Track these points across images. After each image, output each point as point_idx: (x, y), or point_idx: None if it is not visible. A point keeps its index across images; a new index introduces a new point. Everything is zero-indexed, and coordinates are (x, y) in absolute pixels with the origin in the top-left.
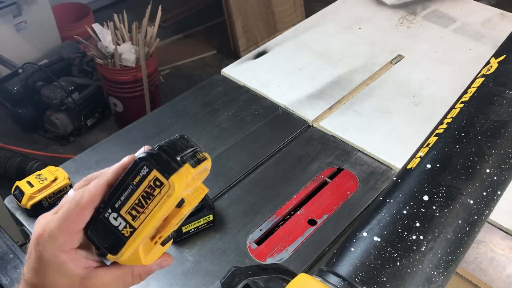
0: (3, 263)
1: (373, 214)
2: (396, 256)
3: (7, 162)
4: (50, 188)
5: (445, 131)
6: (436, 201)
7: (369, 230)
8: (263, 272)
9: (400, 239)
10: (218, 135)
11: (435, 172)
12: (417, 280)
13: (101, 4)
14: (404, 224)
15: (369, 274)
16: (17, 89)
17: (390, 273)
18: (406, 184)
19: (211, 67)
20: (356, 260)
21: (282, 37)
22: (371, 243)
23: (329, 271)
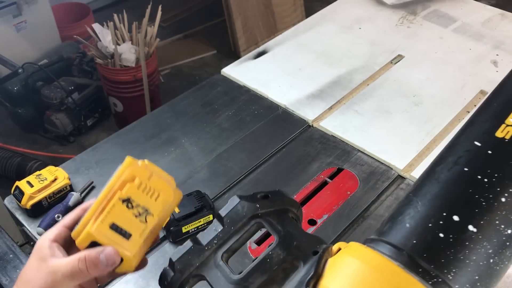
0: (3, 263)
1: (458, 190)
2: (490, 253)
3: (7, 162)
4: (50, 188)
5: None
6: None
7: (461, 215)
8: (271, 204)
9: (496, 233)
10: (218, 135)
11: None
12: (501, 276)
13: (101, 4)
14: (502, 215)
15: (436, 259)
16: (17, 89)
17: (476, 269)
18: (502, 162)
19: (211, 67)
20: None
21: (282, 37)
22: (465, 233)
23: (381, 240)
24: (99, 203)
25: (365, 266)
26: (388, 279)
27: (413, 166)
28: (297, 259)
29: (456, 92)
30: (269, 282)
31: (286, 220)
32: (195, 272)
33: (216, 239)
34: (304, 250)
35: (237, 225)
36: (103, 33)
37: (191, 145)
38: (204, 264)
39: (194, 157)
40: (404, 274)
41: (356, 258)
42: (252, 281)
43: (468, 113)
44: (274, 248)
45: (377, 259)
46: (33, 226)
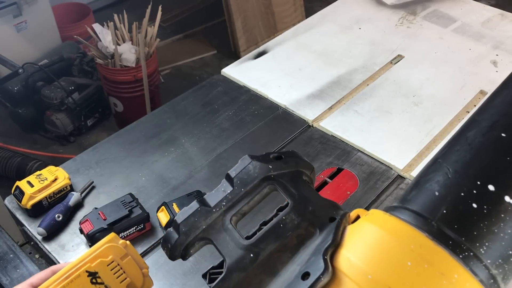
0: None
1: (494, 157)
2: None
3: (7, 162)
4: (50, 188)
5: None
6: None
7: (498, 185)
8: (284, 166)
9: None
10: (218, 135)
11: None
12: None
13: (101, 4)
14: None
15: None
16: (17, 89)
17: (510, 242)
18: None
19: (211, 67)
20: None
21: (282, 37)
22: (501, 205)
23: (403, 207)
24: (67, 269)
25: (389, 235)
26: (417, 251)
27: (412, 166)
28: (313, 225)
29: (456, 92)
30: (282, 249)
31: (300, 183)
32: (201, 235)
33: (224, 200)
34: (320, 215)
35: (248, 187)
36: (103, 33)
37: (191, 145)
38: (211, 227)
39: (194, 157)
40: (433, 245)
41: (378, 226)
42: (264, 247)
43: (468, 113)
44: (288, 213)
45: (402, 228)
46: (33, 226)
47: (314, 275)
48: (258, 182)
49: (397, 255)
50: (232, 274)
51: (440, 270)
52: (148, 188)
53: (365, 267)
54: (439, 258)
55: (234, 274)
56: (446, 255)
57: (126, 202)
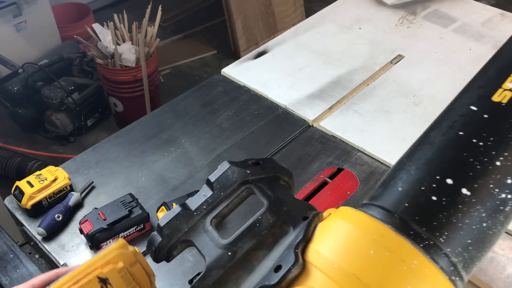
0: (3, 263)
1: (452, 153)
2: (483, 217)
3: (7, 162)
4: (50, 188)
5: None
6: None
7: (455, 179)
8: (261, 171)
9: (490, 197)
10: (218, 135)
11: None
12: (494, 241)
13: (101, 4)
14: (497, 179)
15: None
16: (17, 89)
17: (469, 232)
18: (498, 126)
19: (211, 67)
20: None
21: (282, 37)
22: (459, 196)
23: (373, 204)
24: (75, 274)
25: (354, 228)
26: (379, 241)
27: None
28: (287, 223)
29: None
30: (258, 246)
31: (276, 187)
32: (183, 237)
33: (205, 204)
34: (294, 215)
35: (227, 191)
36: (103, 33)
37: (191, 145)
38: (193, 229)
39: (194, 157)
40: (395, 235)
41: (345, 220)
42: (241, 246)
43: None
44: (264, 213)
45: (367, 221)
46: (33, 226)
47: (286, 267)
48: (237, 186)
49: (360, 245)
50: (211, 272)
51: (400, 256)
52: (148, 188)
53: (332, 258)
54: (399, 246)
55: (213, 272)
56: (406, 243)
57: (126, 202)
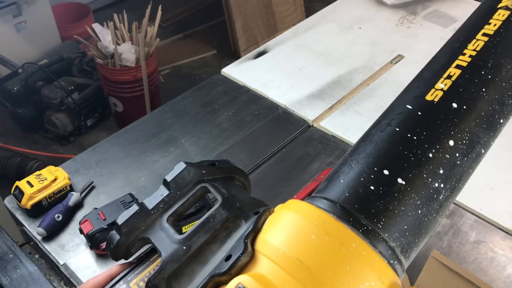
0: (3, 263)
1: (389, 147)
2: (418, 204)
3: (7, 162)
4: (50, 188)
5: (470, 67)
6: (459, 148)
7: (391, 170)
8: (217, 171)
9: (423, 186)
10: (218, 135)
11: (462, 115)
12: (431, 228)
13: (101, 4)
14: (429, 169)
15: (373, 210)
16: (17, 89)
17: (405, 219)
18: (430, 122)
19: (211, 67)
20: (365, 196)
21: (282, 37)
22: (394, 186)
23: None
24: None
25: (299, 217)
26: (320, 226)
27: None
28: (239, 218)
29: None
30: (212, 240)
31: (231, 186)
32: (141, 235)
33: (162, 203)
34: (247, 210)
35: (183, 190)
36: (103, 33)
37: (191, 145)
38: (150, 227)
39: (194, 157)
40: (335, 221)
41: (291, 211)
42: (195, 240)
43: None
44: (217, 208)
45: (311, 210)
46: (33, 226)
47: (235, 256)
48: (192, 185)
49: (303, 231)
50: (166, 266)
51: (339, 240)
52: (148, 188)
53: (278, 244)
54: (339, 231)
55: (168, 266)
56: (346, 228)
57: (126, 202)
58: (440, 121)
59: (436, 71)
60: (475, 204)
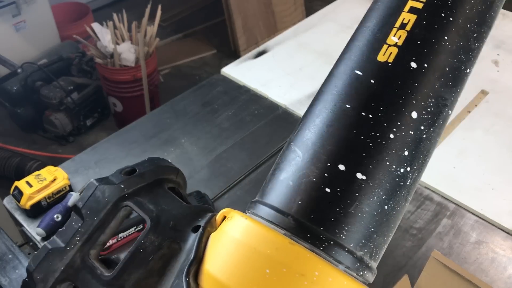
0: (2, 264)
1: (341, 133)
2: (384, 199)
3: (6, 162)
4: (49, 188)
5: (427, 9)
6: (424, 119)
7: (347, 163)
8: (138, 180)
9: (387, 176)
10: (218, 135)
11: (423, 76)
12: (399, 219)
13: (100, 3)
14: (392, 154)
15: (323, 215)
16: (16, 89)
17: (371, 220)
18: (387, 92)
19: (211, 66)
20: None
21: (282, 37)
22: (354, 183)
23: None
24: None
25: (247, 243)
26: (274, 256)
27: None
28: (175, 241)
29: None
30: (148, 275)
31: (160, 195)
32: (61, 277)
33: (77, 235)
34: (182, 228)
35: (101, 215)
36: (102, 33)
37: (191, 145)
38: (70, 266)
39: (194, 157)
40: (290, 247)
41: (237, 234)
42: (127, 278)
43: (469, 113)
44: (147, 235)
45: (259, 232)
46: (32, 227)
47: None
48: (111, 207)
49: (255, 264)
50: None
51: (298, 271)
52: None
53: (227, 283)
54: (296, 258)
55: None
56: (304, 253)
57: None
58: (399, 89)
59: (384, 19)
60: (475, 204)
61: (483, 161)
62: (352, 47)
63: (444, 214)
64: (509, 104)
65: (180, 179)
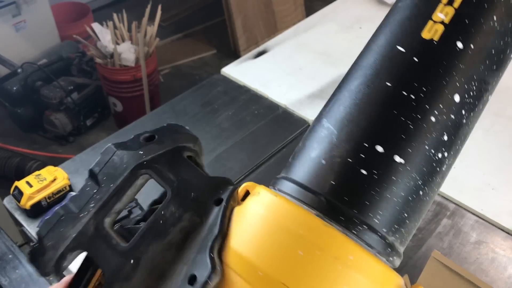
0: (2, 264)
1: (380, 112)
2: (420, 184)
3: (6, 162)
4: (49, 188)
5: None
6: (466, 103)
7: (386, 145)
8: (158, 147)
9: (425, 161)
10: (218, 135)
11: (469, 57)
12: (430, 205)
13: (100, 3)
14: (432, 138)
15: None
16: (16, 89)
17: (405, 206)
18: (431, 71)
19: (211, 66)
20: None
21: (282, 37)
22: (391, 166)
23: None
24: None
25: (277, 222)
26: (307, 237)
27: None
28: (197, 214)
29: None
30: (166, 247)
31: (180, 164)
32: (71, 245)
33: (92, 202)
34: (204, 200)
35: (117, 182)
36: (102, 33)
37: None
38: (82, 233)
39: None
40: (323, 227)
41: (265, 210)
42: (144, 250)
43: None
44: (167, 206)
45: (290, 210)
46: (32, 227)
47: (201, 278)
48: (129, 173)
49: (287, 245)
50: (113, 286)
51: (333, 254)
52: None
53: (256, 262)
54: (330, 240)
55: (115, 286)
56: (338, 236)
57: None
58: (443, 69)
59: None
60: (476, 204)
61: (483, 161)
62: (392, 21)
63: (444, 214)
64: (509, 104)
65: (198, 149)
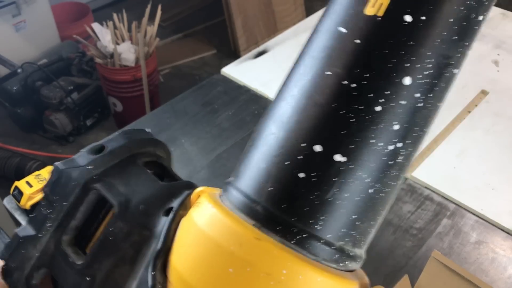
0: None
1: (317, 106)
2: (368, 182)
3: (6, 162)
4: None
5: None
6: (420, 84)
7: (325, 143)
8: (110, 158)
9: (373, 155)
10: (218, 135)
11: (420, 32)
12: (391, 199)
13: (100, 3)
14: (378, 130)
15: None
16: (16, 89)
17: (352, 206)
18: (375, 54)
19: (211, 66)
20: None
21: (282, 37)
22: (331, 167)
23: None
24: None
25: (211, 237)
26: (238, 254)
27: (414, 166)
28: (146, 227)
29: (457, 92)
30: (120, 263)
31: (132, 174)
32: (36, 263)
33: (49, 221)
34: (153, 211)
35: (69, 200)
36: (102, 33)
37: (191, 145)
38: (45, 253)
39: (194, 157)
40: (256, 242)
41: (202, 225)
42: (98, 267)
43: (469, 113)
44: (115, 222)
45: (225, 223)
46: None
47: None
48: (80, 191)
49: (219, 262)
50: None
51: (264, 270)
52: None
53: (191, 282)
54: (262, 255)
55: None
56: (271, 249)
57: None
58: (389, 49)
59: None
60: (476, 204)
61: (483, 161)
62: (334, 1)
63: (444, 214)
64: (509, 104)
65: (160, 151)
